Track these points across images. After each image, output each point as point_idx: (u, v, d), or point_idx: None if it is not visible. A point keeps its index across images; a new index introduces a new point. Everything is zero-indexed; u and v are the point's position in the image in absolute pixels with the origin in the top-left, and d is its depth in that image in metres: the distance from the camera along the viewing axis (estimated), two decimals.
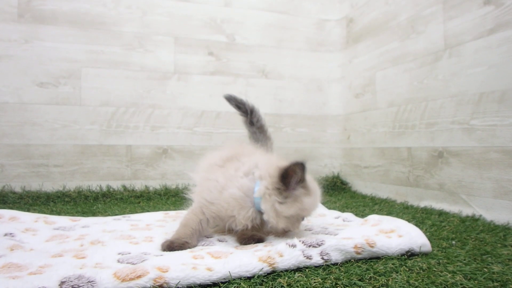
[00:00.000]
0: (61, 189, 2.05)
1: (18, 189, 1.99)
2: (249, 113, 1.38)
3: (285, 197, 1.02)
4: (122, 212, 1.66)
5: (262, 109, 1.46)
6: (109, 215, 1.55)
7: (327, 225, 1.31)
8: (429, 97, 1.79)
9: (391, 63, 2.07)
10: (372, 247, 0.92)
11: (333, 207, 1.73)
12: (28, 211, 1.49)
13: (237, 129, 2.27)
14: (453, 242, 1.09)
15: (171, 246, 0.99)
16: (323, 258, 0.88)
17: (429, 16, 1.79)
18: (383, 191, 2.13)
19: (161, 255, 0.92)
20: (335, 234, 1.10)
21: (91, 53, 2.16)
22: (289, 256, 0.85)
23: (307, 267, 0.85)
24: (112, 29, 2.20)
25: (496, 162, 1.45)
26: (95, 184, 2.13)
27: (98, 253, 0.93)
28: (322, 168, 2.57)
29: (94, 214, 1.63)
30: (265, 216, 1.04)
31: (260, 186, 1.04)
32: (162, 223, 1.37)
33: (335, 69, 2.60)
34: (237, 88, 2.40)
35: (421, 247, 0.96)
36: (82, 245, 1.03)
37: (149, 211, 1.64)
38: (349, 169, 2.49)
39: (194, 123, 2.33)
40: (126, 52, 2.22)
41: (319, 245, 0.89)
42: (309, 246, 0.89)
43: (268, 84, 2.48)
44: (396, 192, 2.02)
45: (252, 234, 1.08)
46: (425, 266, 0.86)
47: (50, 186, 2.06)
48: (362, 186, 2.34)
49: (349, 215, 1.43)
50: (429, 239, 1.01)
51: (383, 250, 0.93)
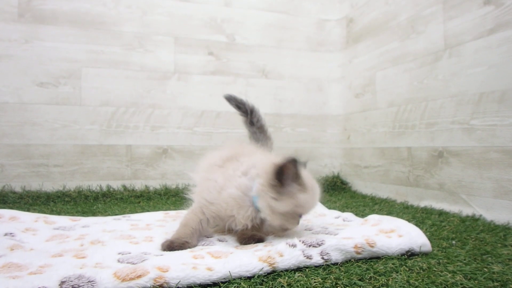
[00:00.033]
0: (61, 189, 2.05)
1: (18, 189, 1.99)
2: (249, 113, 1.38)
3: (280, 194, 1.00)
4: (122, 212, 1.66)
5: (262, 109, 1.46)
6: (109, 215, 1.55)
7: (327, 225, 1.31)
8: (429, 97, 1.79)
9: (391, 63, 2.07)
10: (372, 247, 0.92)
11: (333, 207, 1.73)
12: (28, 211, 1.49)
13: (237, 129, 2.27)
14: (453, 242, 1.09)
15: (171, 246, 0.99)
16: (323, 258, 0.88)
17: (429, 16, 1.79)
18: (383, 191, 2.13)
19: (161, 255, 0.92)
20: (335, 234, 1.10)
21: (91, 53, 2.16)
22: (289, 256, 0.85)
23: (307, 267, 0.85)
24: (112, 29, 2.20)
25: (496, 162, 1.45)
26: (95, 184, 2.13)
27: (98, 253, 0.93)
28: (322, 168, 2.57)
29: (94, 214, 1.63)
30: (261, 213, 1.04)
31: (256, 183, 1.04)
32: (162, 223, 1.37)
33: (335, 69, 2.60)
34: (237, 88, 2.40)
35: (421, 247, 0.96)
36: (82, 245, 1.03)
37: (149, 211, 1.64)
38: (349, 169, 2.49)
39: (194, 123, 2.33)
40: (126, 52, 2.22)
41: (319, 245, 0.89)
42: (309, 246, 0.89)
43: (268, 84, 2.48)
44: (396, 192, 2.02)
45: (252, 234, 1.08)
46: (425, 266, 0.86)
47: (50, 186, 2.06)
48: (362, 186, 2.34)
49: (349, 215, 1.43)
50: (429, 239, 1.01)
51: (383, 250, 0.93)
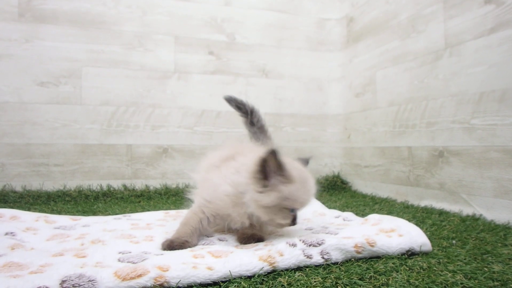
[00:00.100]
0: (61, 188, 2.05)
1: (18, 188, 2.00)
2: (249, 113, 1.38)
3: (264, 187, 0.99)
4: (122, 211, 1.66)
5: (262, 108, 1.46)
6: (109, 214, 1.55)
7: (328, 224, 1.31)
8: (429, 96, 1.79)
9: (391, 62, 2.07)
10: (372, 246, 0.92)
11: (333, 207, 1.73)
12: (28, 210, 1.49)
13: (238, 128, 2.27)
14: (454, 241, 1.09)
15: (171, 245, 0.99)
16: (323, 257, 0.88)
17: (430, 15, 1.79)
18: (383, 191, 2.13)
19: (162, 254, 0.92)
20: (336, 233, 1.10)
21: (92, 53, 2.16)
22: (290, 255, 0.85)
23: (307, 266, 0.86)
24: (112, 28, 2.20)
25: (496, 161, 1.45)
26: (96, 183, 2.13)
27: (98, 252, 0.93)
28: (322, 167, 2.57)
29: (94, 213, 1.63)
30: (249, 208, 1.01)
31: (242, 178, 1.03)
32: (162, 222, 1.37)
33: (335, 68, 2.60)
34: (237, 87, 2.39)
35: (421, 246, 0.96)
36: (82, 244, 1.04)
37: (149, 210, 1.64)
38: (350, 169, 2.49)
39: (194, 123, 2.33)
40: (126, 51, 2.22)
41: (320, 245, 0.89)
42: (310, 245, 0.89)
43: (268, 83, 2.48)
44: (396, 191, 2.02)
45: (252, 233, 1.08)
46: (425, 265, 0.86)
47: (50, 185, 2.06)
48: (362, 185, 2.34)
49: (349, 215, 1.43)
50: (429, 238, 1.01)
51: (383, 249, 0.93)
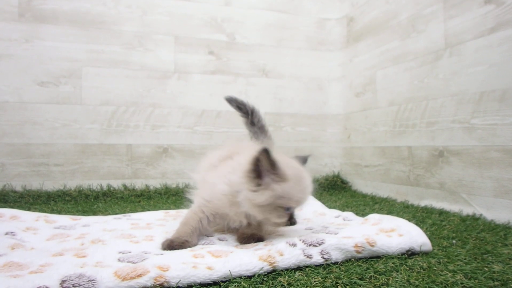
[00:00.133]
0: (61, 188, 2.05)
1: (18, 188, 2.00)
2: (250, 114, 1.38)
3: (257, 185, 0.98)
4: (122, 211, 1.66)
5: (262, 108, 1.46)
6: (109, 214, 1.55)
7: (328, 224, 1.31)
8: (429, 96, 1.79)
9: (391, 62, 2.07)
10: (372, 246, 0.92)
11: (334, 206, 1.73)
12: (28, 210, 1.49)
13: (238, 128, 2.27)
14: (454, 241, 1.09)
15: (171, 245, 0.99)
16: (323, 257, 0.88)
17: (430, 15, 1.79)
18: (383, 190, 2.13)
19: (162, 254, 0.92)
20: (336, 233, 1.10)
21: (92, 53, 2.15)
22: (290, 255, 0.85)
23: (307, 266, 0.86)
24: (112, 28, 2.20)
25: (496, 161, 1.45)
26: (96, 183, 2.13)
27: (98, 252, 0.93)
28: (322, 167, 2.57)
29: (94, 213, 1.63)
30: (243, 207, 1.01)
31: (236, 177, 1.02)
32: (162, 222, 1.37)
33: (335, 68, 2.60)
34: (237, 87, 2.39)
35: (421, 246, 0.96)
36: (82, 244, 1.04)
37: (149, 210, 1.64)
38: (350, 168, 2.49)
39: (194, 122, 2.33)
40: (126, 51, 2.22)
41: (320, 244, 0.89)
42: (310, 245, 0.89)
43: (268, 83, 2.48)
44: (396, 191, 2.02)
45: (252, 233, 1.08)
46: (425, 265, 0.86)
47: (50, 185, 2.06)
48: (362, 185, 2.34)
49: (349, 214, 1.43)
50: (429, 238, 1.01)
51: (383, 249, 0.93)
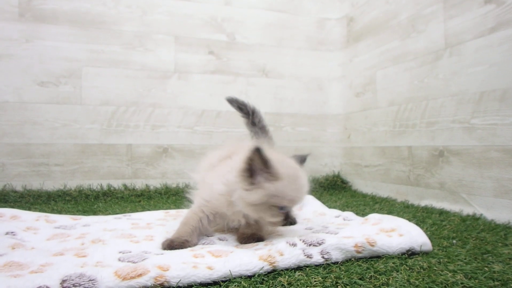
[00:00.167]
0: (62, 188, 2.05)
1: (19, 188, 2.00)
2: (250, 114, 1.38)
3: (251, 184, 0.97)
4: (122, 211, 1.66)
5: (262, 108, 1.46)
6: (109, 214, 1.55)
7: (328, 224, 1.31)
8: (429, 96, 1.79)
9: (391, 62, 2.07)
10: (372, 246, 0.92)
11: (334, 206, 1.73)
12: (29, 210, 1.49)
13: (238, 128, 2.27)
14: (454, 241, 1.09)
15: (171, 245, 0.99)
16: (323, 257, 0.88)
17: (430, 15, 1.79)
18: (383, 190, 2.13)
19: (162, 254, 0.92)
20: (336, 233, 1.10)
21: (92, 52, 2.16)
22: (290, 255, 0.85)
23: (307, 266, 0.86)
24: (112, 28, 2.20)
25: (496, 161, 1.45)
26: (96, 183, 2.13)
27: (99, 252, 0.93)
28: (322, 167, 2.57)
29: (95, 213, 1.63)
30: (237, 206, 1.01)
31: (231, 177, 1.02)
32: (162, 222, 1.37)
33: (335, 68, 2.60)
34: (238, 87, 2.39)
35: (421, 246, 0.96)
36: (83, 244, 1.04)
37: (149, 210, 1.64)
38: (350, 168, 2.49)
39: (194, 122, 2.33)
40: (126, 51, 2.22)
41: (320, 244, 0.89)
42: (310, 245, 0.89)
43: (268, 83, 2.48)
44: (396, 191, 2.02)
45: (252, 233, 1.08)
46: (425, 265, 0.86)
47: (51, 185, 2.06)
48: (362, 185, 2.34)
49: (349, 214, 1.43)
50: (429, 238, 1.01)
51: (383, 249, 0.93)
